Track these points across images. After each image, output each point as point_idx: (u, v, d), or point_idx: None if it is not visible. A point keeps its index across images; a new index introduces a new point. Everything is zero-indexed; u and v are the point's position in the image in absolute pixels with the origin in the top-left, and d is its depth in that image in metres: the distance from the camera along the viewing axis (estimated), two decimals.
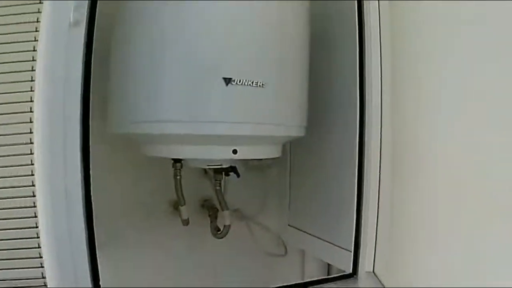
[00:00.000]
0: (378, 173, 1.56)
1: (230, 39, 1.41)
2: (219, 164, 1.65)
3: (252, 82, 1.40)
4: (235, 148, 1.47)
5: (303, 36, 1.60)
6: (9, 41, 2.06)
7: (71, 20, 1.20)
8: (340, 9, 1.75)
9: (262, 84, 1.41)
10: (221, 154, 1.50)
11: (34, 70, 1.98)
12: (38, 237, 2.00)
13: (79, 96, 1.21)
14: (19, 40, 2.05)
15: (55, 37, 1.22)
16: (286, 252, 2.23)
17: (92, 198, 1.26)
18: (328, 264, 2.08)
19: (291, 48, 1.55)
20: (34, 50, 2.02)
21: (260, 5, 1.45)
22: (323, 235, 1.88)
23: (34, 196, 1.98)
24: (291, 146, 2.11)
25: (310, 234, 1.98)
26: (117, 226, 1.77)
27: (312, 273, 2.13)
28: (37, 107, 1.19)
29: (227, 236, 1.89)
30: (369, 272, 1.57)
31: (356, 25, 1.61)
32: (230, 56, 1.41)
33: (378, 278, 1.54)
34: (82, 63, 1.23)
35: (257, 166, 2.15)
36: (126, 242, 1.86)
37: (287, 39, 1.53)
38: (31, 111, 2.00)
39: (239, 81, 1.38)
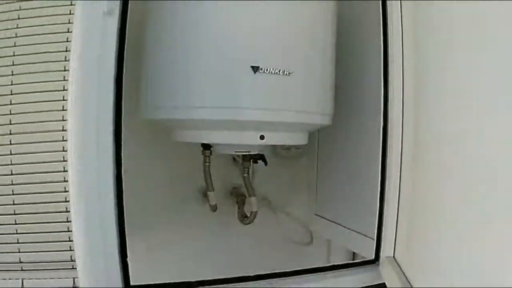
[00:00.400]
0: (400, 163, 1.56)
1: (257, 29, 1.44)
2: (247, 150, 1.67)
3: (279, 71, 1.43)
4: (262, 134, 1.50)
5: (329, 25, 1.63)
6: (44, 33, 2.09)
7: (105, 9, 1.18)
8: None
9: (289, 73, 1.44)
10: (249, 140, 1.52)
11: (68, 61, 2.01)
12: (68, 221, 2.03)
13: (112, 84, 1.22)
14: (53, 32, 2.08)
15: (89, 26, 1.22)
16: (312, 240, 2.24)
17: (123, 187, 1.26)
18: (354, 253, 2.09)
19: (317, 37, 1.58)
20: (67, 41, 2.05)
21: None
22: (349, 224, 1.91)
23: (65, 181, 2.01)
24: (318, 136, 2.15)
25: (336, 223, 2.01)
26: (145, 213, 1.77)
27: (338, 262, 2.12)
28: (71, 95, 1.17)
29: (254, 224, 1.93)
30: (389, 257, 1.58)
31: (381, 18, 1.61)
32: (257, 46, 1.44)
33: (397, 263, 1.54)
34: (116, 52, 1.22)
35: (286, 155, 2.18)
36: (154, 228, 1.87)
37: (313, 28, 1.58)
38: (64, 100, 2.03)
39: (266, 70, 1.41)
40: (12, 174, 2.11)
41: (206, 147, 1.75)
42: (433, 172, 1.39)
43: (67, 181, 2.05)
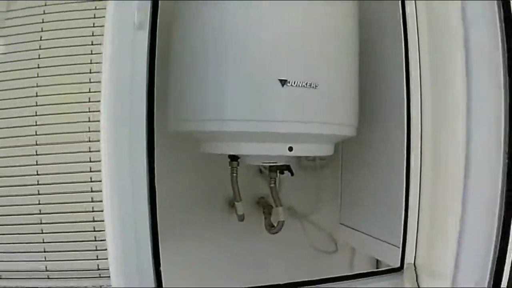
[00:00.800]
0: (419, 170, 1.59)
1: (285, 42, 1.48)
2: (274, 161, 1.70)
3: (306, 84, 1.46)
4: (290, 145, 1.53)
5: (353, 37, 1.66)
6: (68, 45, 2.10)
7: (136, 22, 1.19)
8: (386, 9, 1.78)
9: (316, 86, 1.47)
10: (277, 151, 1.55)
11: (92, 72, 2.02)
12: (95, 231, 2.04)
13: (145, 99, 1.24)
14: (77, 44, 2.09)
15: (120, 41, 1.24)
16: (336, 249, 2.26)
17: (156, 198, 1.28)
18: (377, 261, 2.10)
19: (342, 49, 1.62)
20: (91, 54, 2.06)
21: (314, 9, 1.51)
22: (373, 233, 1.93)
23: (92, 191, 2.02)
24: (342, 147, 2.18)
25: (360, 231, 2.05)
26: (174, 222, 1.78)
27: (362, 269, 2.13)
28: (104, 110, 1.19)
29: (279, 233, 1.93)
30: (410, 264, 1.61)
31: (401, 25, 1.61)
32: (285, 59, 1.48)
33: (416, 270, 1.58)
34: (147, 65, 1.22)
35: (311, 166, 2.20)
36: (182, 237, 1.88)
37: (338, 41, 1.62)
38: (89, 111, 2.04)
39: (294, 83, 1.44)
40: (38, 184, 2.12)
41: (234, 158, 1.77)
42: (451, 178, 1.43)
43: (94, 191, 2.08)
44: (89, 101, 2.07)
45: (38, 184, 2.12)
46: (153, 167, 1.26)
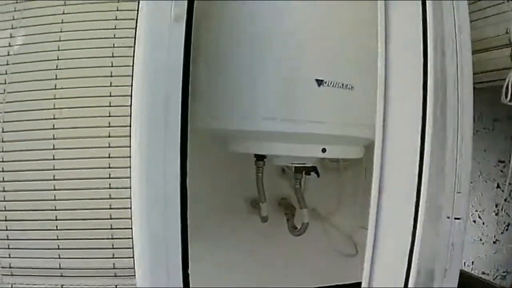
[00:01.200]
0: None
1: (323, 42, 1.47)
2: (303, 162, 1.68)
3: (342, 85, 1.45)
4: (324, 147, 1.51)
5: None
6: (90, 37, 2.06)
7: (172, 15, 1.15)
8: None
9: (352, 87, 1.47)
10: (311, 152, 1.53)
11: (114, 66, 1.98)
12: (112, 228, 2.00)
13: (180, 94, 1.20)
14: (100, 37, 2.05)
15: (156, 34, 1.18)
16: (357, 252, 2.22)
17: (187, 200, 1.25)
18: None
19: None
20: (114, 47, 2.02)
21: (352, 11, 1.51)
22: None
23: (110, 188, 1.98)
24: (366, 149, 2.09)
25: None
26: (196, 222, 1.76)
27: None
28: (136, 104, 1.15)
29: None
30: None
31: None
32: (322, 59, 1.47)
33: None
34: (183, 59, 1.18)
35: (335, 167, 2.18)
36: (204, 238, 1.84)
37: (374, 42, 1.52)
38: (110, 106, 2.00)
39: (330, 83, 1.43)
40: (54, 180, 2.08)
41: (260, 157, 1.75)
42: None
43: (112, 188, 2.04)
44: (110, 95, 2.04)
45: (54, 180, 2.08)
46: (185, 166, 1.22)
